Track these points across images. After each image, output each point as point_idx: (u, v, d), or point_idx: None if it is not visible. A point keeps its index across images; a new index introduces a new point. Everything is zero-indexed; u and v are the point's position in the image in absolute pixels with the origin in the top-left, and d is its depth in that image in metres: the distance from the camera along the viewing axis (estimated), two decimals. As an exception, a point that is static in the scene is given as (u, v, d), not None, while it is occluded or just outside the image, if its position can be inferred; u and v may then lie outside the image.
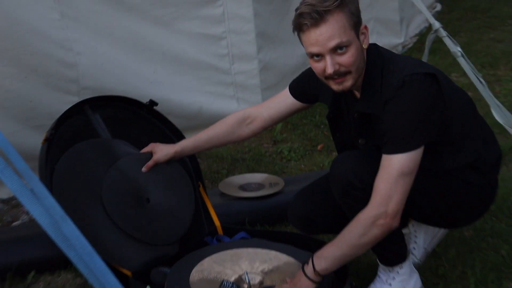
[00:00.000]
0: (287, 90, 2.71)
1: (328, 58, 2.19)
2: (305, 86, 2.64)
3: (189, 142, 2.78)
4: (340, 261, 2.27)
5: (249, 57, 4.36)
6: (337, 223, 2.48)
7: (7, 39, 3.37)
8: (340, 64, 2.20)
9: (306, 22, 2.17)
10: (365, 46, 2.28)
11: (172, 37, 4.09)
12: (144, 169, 2.73)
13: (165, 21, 4.05)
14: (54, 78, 3.55)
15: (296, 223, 2.67)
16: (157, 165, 2.76)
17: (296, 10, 2.22)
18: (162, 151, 2.76)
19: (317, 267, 2.26)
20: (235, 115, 2.78)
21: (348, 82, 2.26)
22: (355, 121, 2.43)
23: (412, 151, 2.19)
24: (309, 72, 2.55)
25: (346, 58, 2.20)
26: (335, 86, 2.28)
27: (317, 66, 2.26)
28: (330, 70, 2.20)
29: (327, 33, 2.16)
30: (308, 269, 2.28)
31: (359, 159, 2.35)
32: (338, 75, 2.23)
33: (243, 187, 3.32)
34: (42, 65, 3.50)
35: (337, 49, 2.18)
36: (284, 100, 2.70)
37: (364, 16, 2.32)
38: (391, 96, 2.23)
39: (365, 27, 2.27)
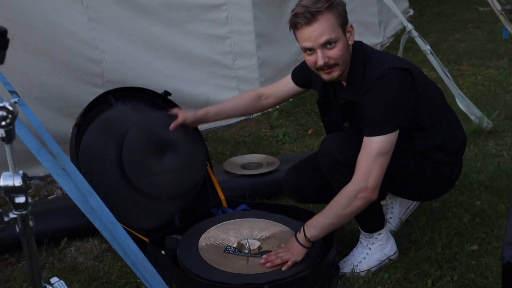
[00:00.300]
0: (289, 76, 2.71)
1: (319, 52, 2.20)
2: (302, 73, 2.63)
3: (213, 108, 2.73)
4: (327, 229, 2.27)
5: (249, 54, 4.33)
6: (324, 193, 2.49)
7: (43, 39, 3.35)
8: (329, 57, 2.21)
9: (300, 21, 2.17)
10: (351, 42, 2.27)
11: (184, 37, 4.05)
12: (172, 126, 2.62)
13: (178, 23, 4.02)
14: (82, 73, 3.52)
15: (289, 192, 2.65)
16: (181, 127, 2.66)
17: (292, 11, 2.22)
18: (189, 112, 2.68)
19: (308, 234, 2.25)
20: (253, 92, 2.77)
21: (335, 73, 2.25)
22: (340, 107, 2.42)
23: (388, 134, 2.18)
24: (305, 63, 2.54)
25: (334, 52, 2.20)
26: (324, 76, 2.28)
27: (309, 59, 2.25)
28: (320, 62, 2.20)
29: (318, 30, 2.16)
30: (300, 236, 2.27)
31: (344, 140, 2.35)
32: (327, 66, 2.22)
33: (244, 166, 3.30)
34: (73, 61, 3.47)
35: (326, 44, 2.19)
36: (287, 84, 2.70)
37: (348, 19, 2.31)
38: (370, 86, 2.22)
39: (351, 27, 2.27)
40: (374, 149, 2.18)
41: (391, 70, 2.21)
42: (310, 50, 2.22)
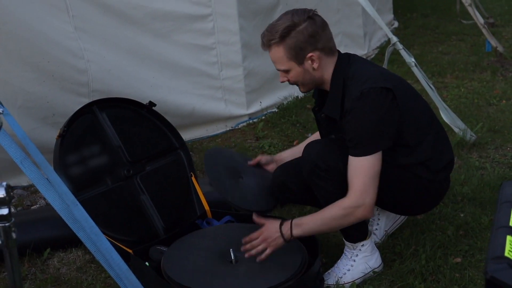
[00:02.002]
0: None
1: (280, 73, 2.38)
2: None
3: (287, 153, 2.77)
4: (313, 233, 2.36)
5: (235, 65, 4.33)
6: (307, 195, 2.50)
7: (29, 48, 3.33)
8: (288, 78, 2.36)
9: (261, 44, 2.36)
10: (315, 66, 2.32)
11: (170, 47, 4.05)
12: (252, 162, 2.73)
13: (164, 33, 4.01)
14: (68, 82, 3.50)
15: (275, 188, 2.64)
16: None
17: None
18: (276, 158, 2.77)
19: (294, 233, 2.29)
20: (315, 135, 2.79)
21: (301, 89, 2.43)
22: (323, 120, 2.44)
23: (377, 153, 2.22)
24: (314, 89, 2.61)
25: (290, 76, 2.36)
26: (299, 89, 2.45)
27: None
28: (280, 79, 2.39)
29: (272, 58, 2.35)
30: (286, 231, 2.29)
31: (326, 146, 2.38)
32: (290, 83, 2.39)
33: None
34: (58, 71, 3.45)
35: (281, 71, 2.35)
36: None
37: (333, 31, 2.37)
38: (351, 106, 2.24)
39: (313, 55, 2.31)
40: (368, 169, 2.22)
41: (371, 90, 2.22)
42: None
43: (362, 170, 2.22)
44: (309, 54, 2.30)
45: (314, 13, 2.32)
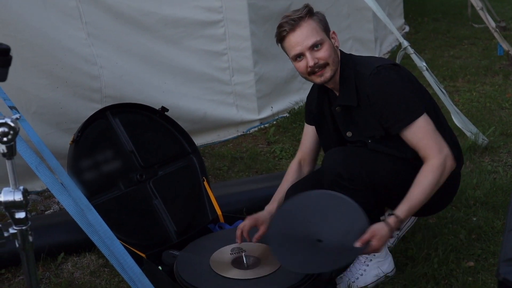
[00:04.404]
0: (305, 124, 2.71)
1: (308, 54, 2.31)
2: (307, 110, 2.67)
3: (275, 202, 2.57)
4: (417, 208, 2.25)
5: (247, 70, 4.35)
6: None
7: (42, 55, 3.38)
8: (318, 58, 2.31)
9: (285, 29, 2.31)
10: (336, 45, 2.38)
11: (181, 53, 4.08)
12: (255, 238, 2.45)
13: (175, 39, 4.04)
14: (81, 88, 3.54)
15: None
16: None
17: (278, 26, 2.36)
18: (261, 217, 2.51)
19: (402, 215, 2.21)
20: (293, 165, 2.69)
21: (327, 73, 2.35)
22: (338, 115, 2.45)
23: (423, 114, 2.29)
24: (306, 98, 2.65)
25: (322, 52, 2.31)
26: (317, 79, 2.37)
27: (300, 65, 2.35)
28: (311, 63, 2.30)
29: (303, 34, 2.30)
30: (394, 222, 2.21)
31: (347, 154, 2.37)
32: (319, 67, 2.32)
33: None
34: (71, 77, 3.49)
35: (313, 47, 2.30)
36: (309, 133, 2.69)
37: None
38: (370, 86, 2.30)
39: (334, 33, 2.39)
40: (426, 126, 2.28)
41: (385, 66, 2.33)
42: (300, 56, 2.33)
43: (423, 130, 2.27)
44: (332, 31, 2.38)
45: None
